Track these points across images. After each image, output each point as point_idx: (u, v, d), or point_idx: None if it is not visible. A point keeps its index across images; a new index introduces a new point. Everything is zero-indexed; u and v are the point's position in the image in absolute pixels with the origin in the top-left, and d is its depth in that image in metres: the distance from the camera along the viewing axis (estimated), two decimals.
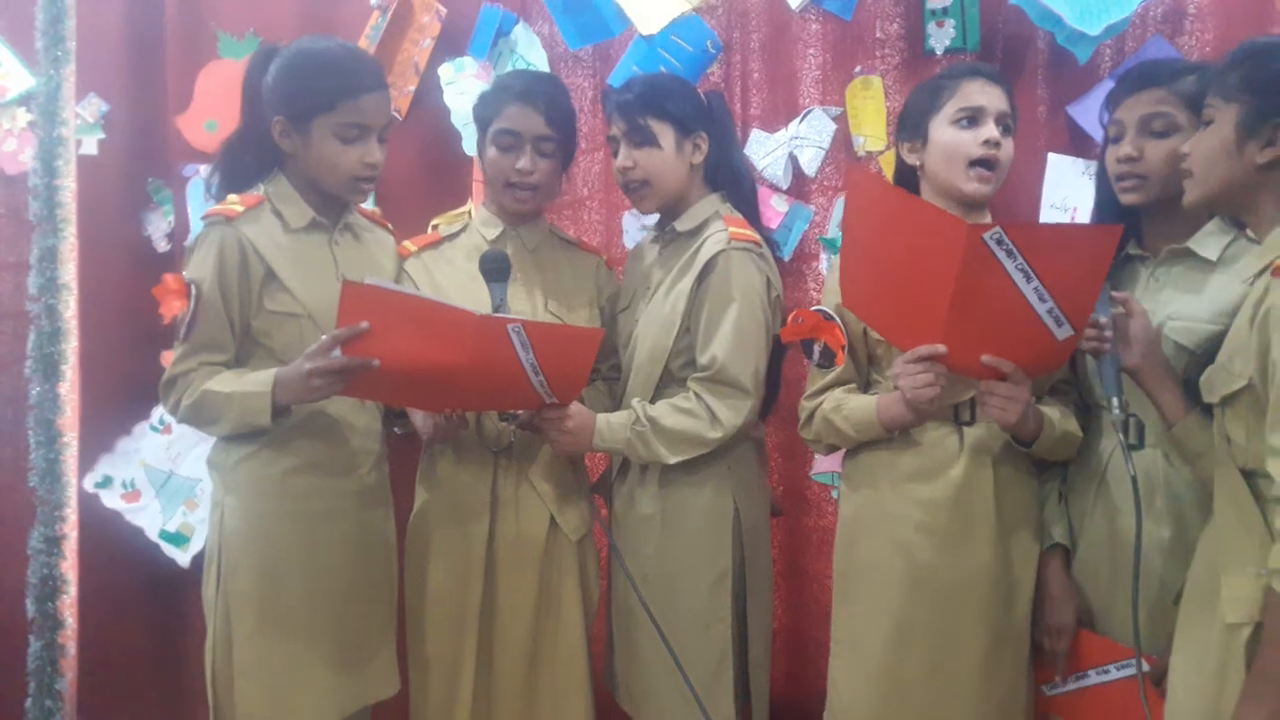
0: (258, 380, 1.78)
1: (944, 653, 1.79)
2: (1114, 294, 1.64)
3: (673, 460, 1.89)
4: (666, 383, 1.96)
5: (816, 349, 1.89)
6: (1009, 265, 1.49)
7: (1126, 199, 1.75)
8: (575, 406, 1.88)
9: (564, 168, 2.11)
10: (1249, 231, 1.56)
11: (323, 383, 1.70)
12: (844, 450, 1.97)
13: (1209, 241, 1.69)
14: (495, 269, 1.87)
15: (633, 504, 1.99)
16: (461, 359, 1.66)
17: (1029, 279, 1.51)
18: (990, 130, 1.79)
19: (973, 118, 1.80)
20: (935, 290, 1.56)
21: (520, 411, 1.88)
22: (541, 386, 1.77)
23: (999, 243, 1.48)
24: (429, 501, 2.04)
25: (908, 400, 1.71)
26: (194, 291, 1.80)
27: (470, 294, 1.95)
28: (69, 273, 2.94)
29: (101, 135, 2.97)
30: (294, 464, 1.85)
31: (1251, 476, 1.37)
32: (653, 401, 1.94)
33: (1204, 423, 1.52)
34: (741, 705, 1.97)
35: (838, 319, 1.87)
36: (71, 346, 2.95)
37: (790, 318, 1.91)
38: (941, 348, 1.62)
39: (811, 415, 1.93)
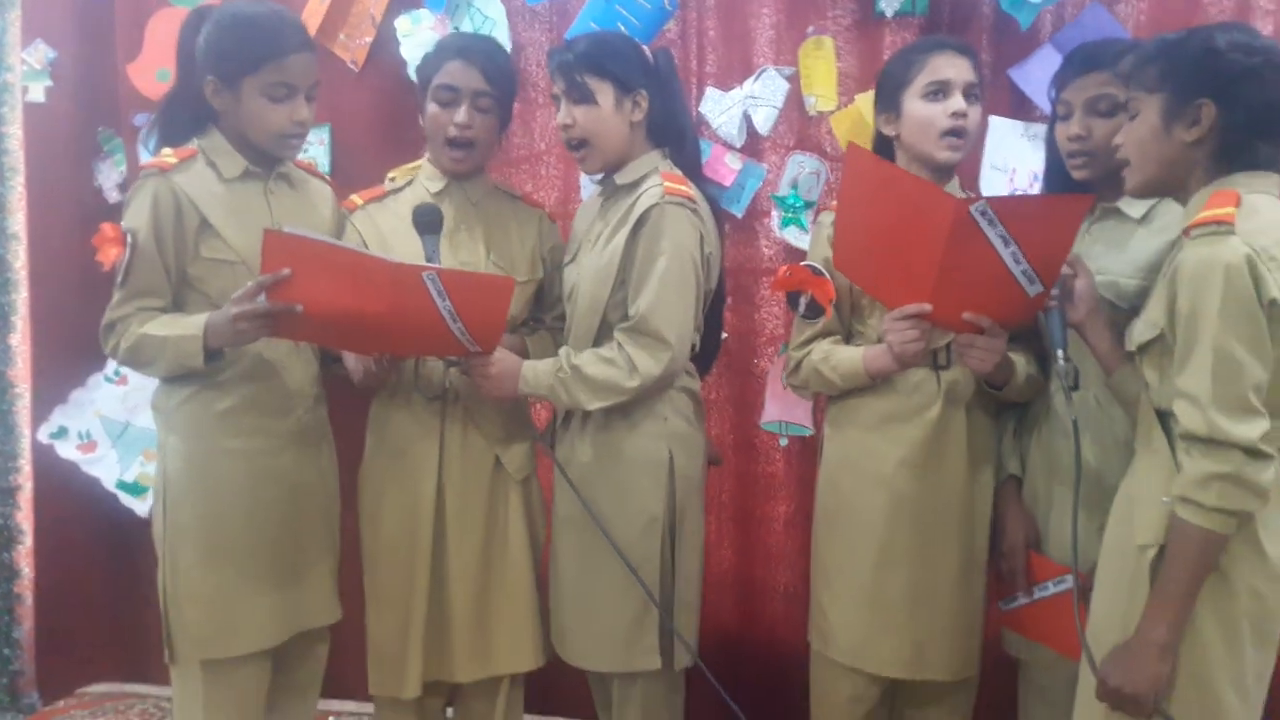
0: (190, 324, 1.84)
1: (923, 573, 1.93)
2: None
3: (592, 407, 1.95)
4: (604, 333, 2.01)
5: (803, 301, 1.99)
6: (990, 233, 1.63)
7: (1078, 175, 1.87)
8: (500, 353, 1.94)
9: (502, 126, 2.15)
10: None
11: (248, 326, 1.76)
12: (823, 398, 2.07)
13: (1134, 201, 1.81)
14: (426, 222, 1.93)
15: (574, 450, 2.06)
16: (380, 305, 1.74)
17: (1007, 244, 1.64)
18: (958, 102, 1.89)
19: (941, 90, 1.90)
20: (924, 255, 1.70)
21: (453, 358, 1.95)
22: (462, 334, 1.83)
23: (983, 214, 1.61)
24: (379, 444, 2.10)
25: (895, 353, 1.85)
26: (130, 240, 1.85)
27: (412, 245, 1.99)
28: (18, 222, 2.93)
29: (49, 83, 2.93)
30: (231, 404, 1.92)
31: (1164, 416, 1.50)
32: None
33: (1137, 371, 1.64)
34: (666, 644, 2.04)
35: (827, 274, 1.96)
36: (21, 297, 2.95)
37: (780, 271, 2.00)
38: (928, 306, 1.76)
39: (799, 364, 2.04)
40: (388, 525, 2.06)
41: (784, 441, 2.69)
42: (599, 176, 2.10)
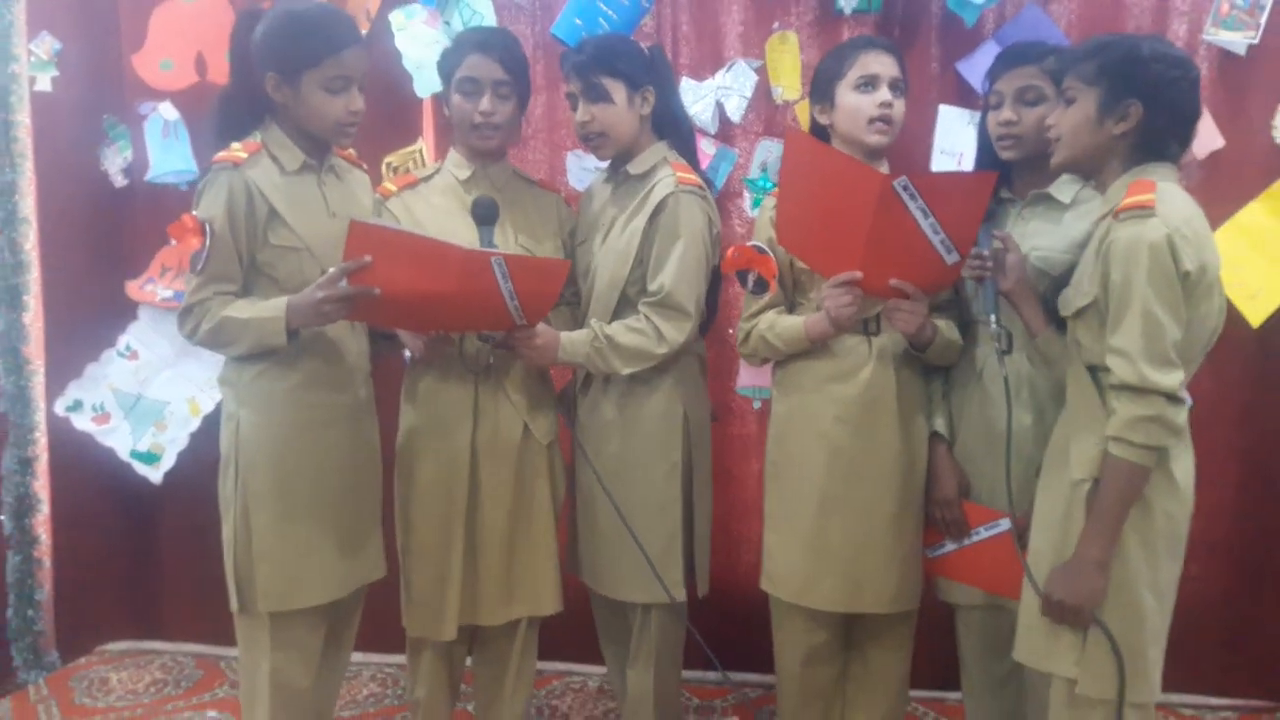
0: (272, 307, 2.00)
1: (859, 519, 2.14)
2: (995, 233, 2.01)
3: (625, 371, 2.20)
4: (623, 306, 2.25)
5: (751, 278, 2.22)
6: (911, 206, 1.86)
7: (1005, 155, 2.12)
8: (541, 326, 2.16)
9: (522, 109, 2.33)
10: (1094, 183, 1.93)
11: (332, 308, 1.94)
12: (773, 364, 2.32)
13: (1064, 188, 2.08)
14: (486, 214, 2.13)
15: (596, 410, 2.30)
16: (449, 286, 1.92)
17: (926, 216, 1.87)
18: (884, 94, 2.12)
19: (870, 83, 2.13)
20: (854, 228, 1.93)
21: (495, 334, 2.16)
22: (515, 310, 2.04)
23: (905, 188, 1.84)
24: (417, 416, 2.29)
25: (832, 317, 2.08)
26: (208, 229, 1.99)
27: (443, 227, 2.18)
28: (28, 206, 3.06)
29: (55, 72, 3.06)
30: (299, 380, 2.09)
31: (1094, 371, 1.75)
32: (610, 322, 2.24)
33: (1059, 334, 1.90)
34: (688, 574, 2.32)
35: (770, 252, 2.20)
36: (33, 277, 3.08)
37: (729, 252, 2.23)
38: (859, 274, 1.99)
39: (749, 334, 2.27)
40: (425, 484, 2.25)
41: (757, 404, 2.94)
42: (605, 164, 2.32)
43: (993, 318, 1.96)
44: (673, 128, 2.30)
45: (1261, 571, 2.78)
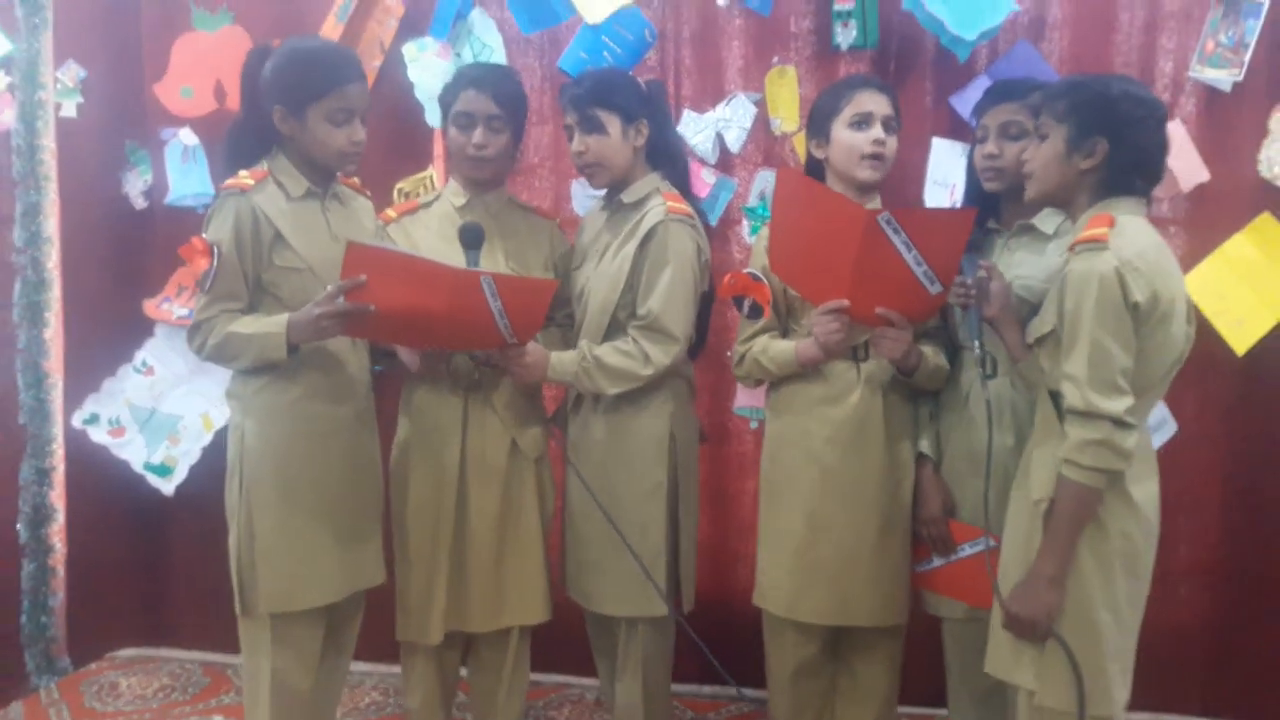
0: (273, 323, 2.11)
1: (847, 535, 2.22)
2: (980, 262, 2.09)
3: (611, 391, 2.28)
4: (613, 329, 2.33)
5: (746, 304, 2.31)
6: (895, 239, 1.95)
7: (989, 187, 2.21)
8: (531, 345, 2.25)
9: (516, 141, 2.43)
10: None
11: (329, 324, 2.04)
12: (766, 386, 2.40)
13: (1048, 220, 2.16)
14: (472, 238, 2.23)
15: (586, 429, 2.39)
16: (441, 305, 2.03)
17: (909, 249, 1.96)
18: (877, 132, 2.21)
19: (864, 121, 2.21)
20: (842, 259, 2.03)
21: (487, 353, 2.25)
22: (505, 329, 2.13)
23: (888, 223, 1.93)
24: (410, 429, 2.39)
25: (820, 343, 2.16)
26: (215, 251, 2.11)
27: (440, 252, 2.27)
28: (51, 227, 3.18)
29: (80, 99, 3.19)
30: (301, 393, 2.19)
31: (1056, 396, 1.83)
32: (600, 344, 2.31)
33: (1036, 359, 1.97)
34: (673, 590, 2.40)
35: (764, 279, 2.28)
36: (55, 295, 3.19)
37: (726, 279, 2.31)
38: (846, 302, 2.08)
39: (743, 357, 2.35)
40: (417, 495, 2.35)
41: (754, 424, 3.02)
42: (601, 192, 2.42)
43: (976, 343, 2.04)
44: (667, 159, 2.39)
45: (1248, 594, 2.82)
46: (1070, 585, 1.76)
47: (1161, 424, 2.77)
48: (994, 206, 2.25)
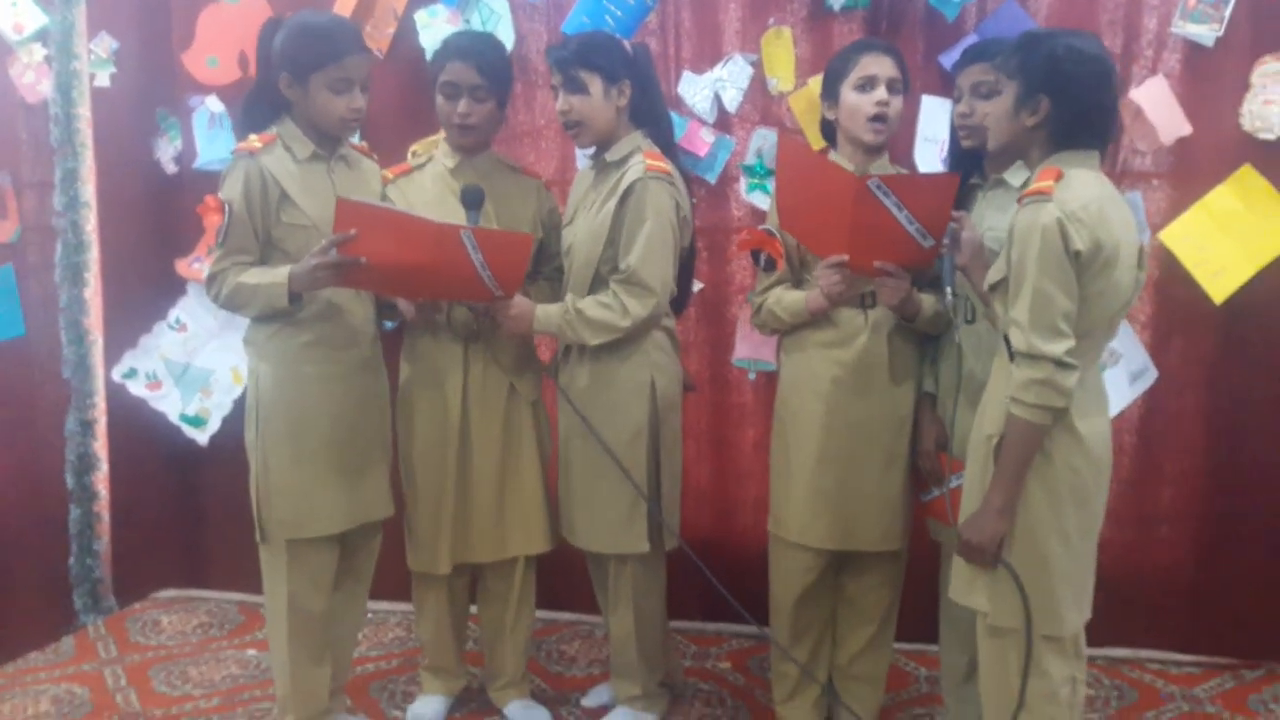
0: (276, 274, 2.25)
1: (851, 469, 2.37)
2: (952, 213, 2.20)
3: (594, 342, 2.41)
4: (597, 283, 2.45)
5: (763, 257, 2.45)
6: (886, 201, 2.09)
7: (964, 144, 2.33)
8: (517, 298, 2.39)
9: (501, 107, 2.56)
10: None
11: (324, 274, 2.17)
12: (779, 338, 2.54)
13: (1016, 173, 2.25)
14: (473, 199, 2.38)
15: (573, 378, 2.52)
16: (426, 257, 2.18)
17: (900, 209, 2.10)
18: (881, 94, 2.31)
19: (868, 83, 2.31)
20: (839, 219, 2.17)
21: (478, 305, 2.40)
22: (490, 280, 2.28)
23: (878, 187, 2.07)
24: (413, 374, 2.55)
25: (825, 294, 2.31)
26: (228, 209, 2.27)
27: (434, 209, 2.40)
28: (88, 192, 3.36)
29: (113, 69, 3.36)
30: (309, 339, 2.33)
31: (1007, 339, 1.92)
32: (585, 297, 2.44)
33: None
34: (655, 533, 2.52)
35: (778, 235, 2.42)
36: (93, 256, 3.39)
37: (742, 234, 2.45)
38: (845, 256, 2.23)
39: (760, 307, 2.50)
40: (422, 436, 2.52)
41: (752, 376, 3.15)
42: (591, 151, 2.54)
43: (949, 289, 2.16)
44: (651, 120, 2.49)
45: (1227, 534, 2.93)
46: (1020, 514, 1.88)
47: (1143, 371, 2.88)
48: (979, 162, 2.36)
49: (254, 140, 2.31)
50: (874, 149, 2.38)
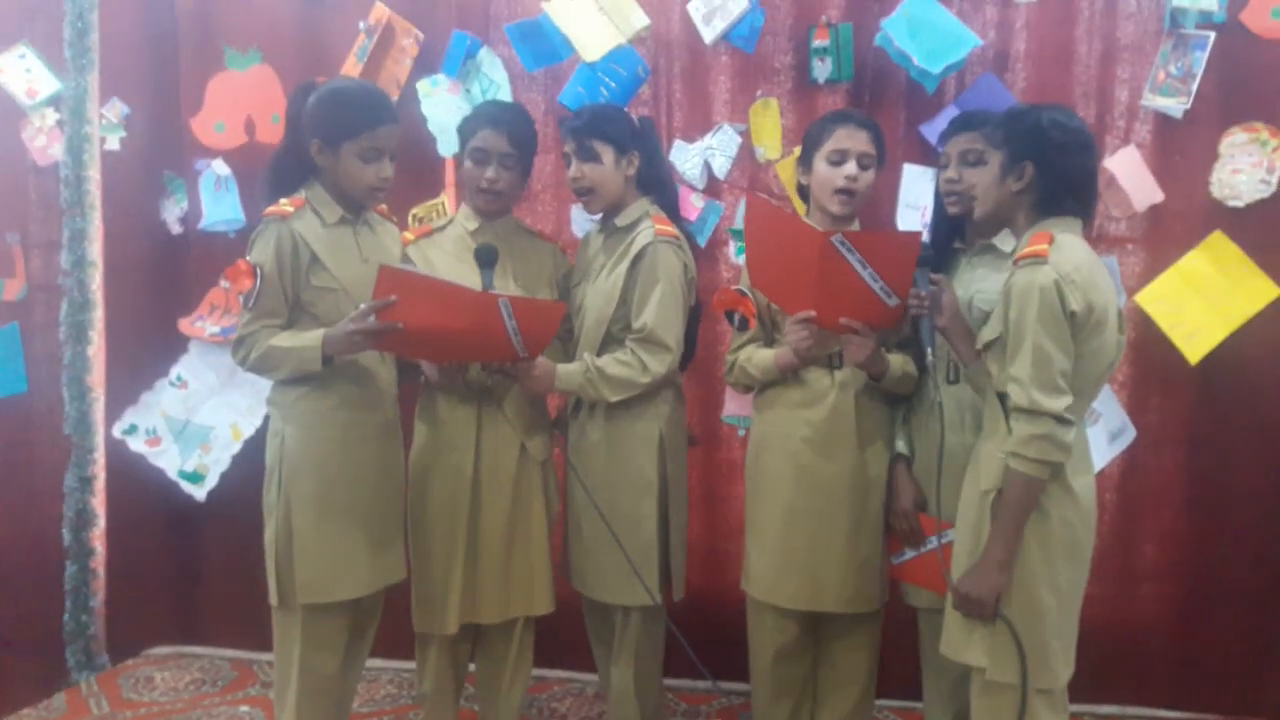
0: (311, 338, 2.28)
1: (820, 528, 2.40)
2: (933, 275, 2.28)
3: (613, 399, 2.48)
4: (608, 342, 2.54)
5: (736, 317, 2.54)
6: (851, 259, 2.16)
7: (950, 210, 2.41)
8: (540, 359, 2.45)
9: (525, 176, 2.64)
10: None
11: (361, 339, 2.22)
12: (754, 394, 2.60)
13: (1006, 239, 2.33)
14: (487, 258, 2.43)
15: (584, 434, 2.59)
16: (462, 323, 2.23)
17: (864, 267, 2.17)
18: (851, 169, 2.39)
19: (840, 157, 2.40)
20: (805, 275, 2.24)
21: (499, 364, 2.46)
22: (519, 345, 2.34)
23: (841, 243, 2.14)
24: (427, 435, 2.59)
25: (793, 349, 2.38)
26: (258, 272, 2.31)
27: (455, 272, 2.47)
28: (95, 251, 3.45)
29: (123, 133, 3.47)
30: (336, 401, 2.36)
31: (1002, 396, 2.00)
32: (598, 355, 2.53)
33: (984, 364, 2.16)
34: (664, 582, 2.59)
35: (750, 294, 2.50)
36: (98, 315, 3.46)
37: (716, 295, 2.52)
38: (813, 312, 2.29)
39: (733, 365, 2.57)
40: (436, 498, 2.54)
41: (742, 432, 3.22)
42: (598, 216, 2.63)
43: (929, 350, 2.23)
44: (657, 187, 2.60)
45: (1210, 590, 2.98)
46: (1016, 568, 1.93)
47: (1122, 430, 2.95)
48: (960, 228, 2.45)
49: (285, 204, 2.35)
50: (841, 219, 2.46)
